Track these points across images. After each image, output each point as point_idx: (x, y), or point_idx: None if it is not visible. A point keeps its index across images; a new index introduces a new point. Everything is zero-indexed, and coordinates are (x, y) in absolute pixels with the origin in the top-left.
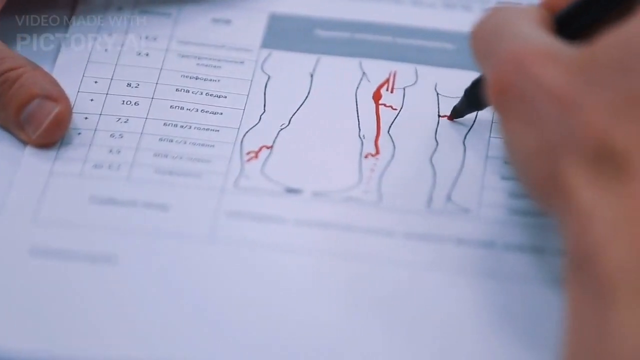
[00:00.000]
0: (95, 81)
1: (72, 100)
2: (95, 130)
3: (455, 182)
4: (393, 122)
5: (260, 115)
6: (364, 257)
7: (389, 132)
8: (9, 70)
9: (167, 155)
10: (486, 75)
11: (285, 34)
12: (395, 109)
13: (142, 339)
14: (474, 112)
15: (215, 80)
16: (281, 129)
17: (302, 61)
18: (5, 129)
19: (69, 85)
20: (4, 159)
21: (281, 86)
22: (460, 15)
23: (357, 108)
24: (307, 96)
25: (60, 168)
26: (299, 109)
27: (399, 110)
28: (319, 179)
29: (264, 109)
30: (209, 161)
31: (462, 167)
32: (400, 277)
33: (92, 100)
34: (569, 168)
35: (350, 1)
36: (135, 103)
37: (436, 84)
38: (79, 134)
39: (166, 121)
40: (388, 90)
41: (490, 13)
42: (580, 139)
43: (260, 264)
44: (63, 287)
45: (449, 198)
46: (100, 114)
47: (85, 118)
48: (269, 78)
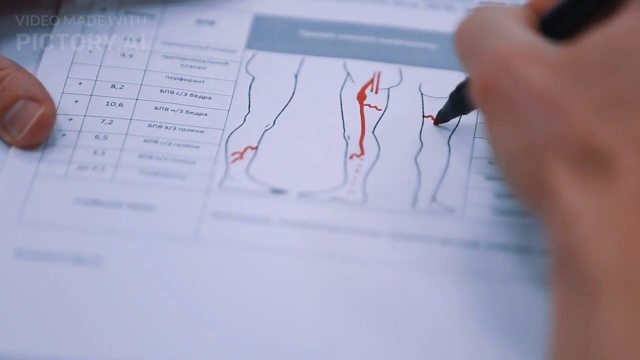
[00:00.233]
0: (80, 82)
1: (57, 101)
2: (80, 131)
3: (440, 182)
4: (378, 123)
5: (245, 116)
6: (349, 258)
7: (373, 133)
8: None
9: (152, 157)
10: (470, 75)
11: (270, 35)
12: (379, 110)
13: (128, 340)
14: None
15: (199, 81)
16: (266, 130)
17: (287, 62)
18: None
19: (53, 86)
20: None
21: (266, 87)
22: (443, 15)
23: (342, 108)
24: (292, 97)
25: (44, 169)
26: (283, 109)
27: (383, 110)
28: (304, 179)
29: (249, 109)
30: (194, 162)
31: (447, 167)
32: (385, 277)
33: (77, 101)
34: (554, 168)
35: (334, 2)
36: (119, 104)
37: (420, 84)
38: (64, 135)
39: (151, 122)
40: (372, 91)
41: (474, 12)
42: (564, 138)
43: (245, 265)
44: (48, 289)
45: (433, 198)
46: (85, 115)
47: (70, 119)
48: (253, 79)
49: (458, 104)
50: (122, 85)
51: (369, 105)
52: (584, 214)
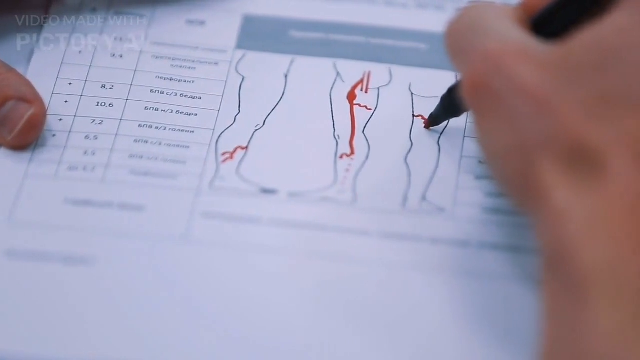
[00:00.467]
0: (70, 83)
1: (47, 102)
2: (70, 132)
3: (430, 182)
4: (368, 122)
5: (235, 116)
6: (339, 257)
7: (363, 132)
8: None
9: (142, 157)
10: (461, 73)
11: (260, 35)
12: (369, 109)
13: (119, 340)
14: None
15: (189, 82)
16: (256, 130)
17: (277, 62)
18: None
19: (43, 87)
20: None
21: (256, 87)
22: (433, 15)
23: (332, 108)
24: (282, 97)
25: (35, 170)
26: (273, 109)
27: (373, 110)
28: (294, 179)
29: (239, 109)
30: (184, 162)
31: (437, 167)
32: (375, 277)
33: (67, 102)
34: (544, 167)
35: (324, 2)
36: (109, 104)
37: (410, 83)
38: (54, 135)
39: (141, 122)
40: (362, 91)
41: (465, 10)
42: (554, 138)
43: (236, 265)
44: (39, 289)
45: (424, 197)
46: (75, 116)
47: (60, 120)
48: (243, 79)
49: (449, 106)
50: (112, 86)
51: (359, 105)
52: (573, 214)
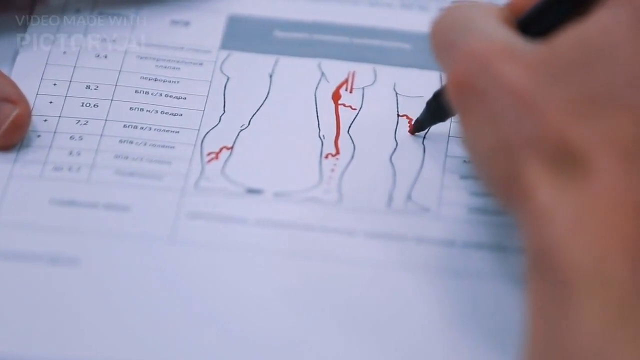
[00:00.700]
0: (54, 83)
1: (31, 102)
2: (55, 132)
3: (415, 181)
4: (353, 122)
5: (220, 116)
6: (325, 257)
7: (348, 132)
8: None
9: (128, 157)
10: (445, 72)
11: (244, 35)
12: (354, 109)
13: (104, 340)
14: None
15: (174, 82)
16: (241, 130)
17: (261, 62)
18: None
19: (28, 87)
20: None
21: (240, 87)
22: (417, 15)
23: (317, 108)
24: (267, 97)
25: (19, 170)
26: (258, 109)
27: (358, 110)
28: (279, 179)
29: (224, 109)
30: (170, 162)
31: (422, 167)
32: (361, 276)
33: (51, 102)
34: (528, 167)
35: (309, 2)
36: (94, 105)
37: (395, 83)
38: (39, 136)
39: (126, 123)
40: (347, 90)
41: (450, 9)
42: (539, 137)
43: (221, 265)
44: (24, 289)
45: (409, 197)
46: (60, 116)
47: (45, 120)
48: (228, 79)
49: (435, 111)
50: (97, 86)
51: (344, 105)
52: (558, 214)
